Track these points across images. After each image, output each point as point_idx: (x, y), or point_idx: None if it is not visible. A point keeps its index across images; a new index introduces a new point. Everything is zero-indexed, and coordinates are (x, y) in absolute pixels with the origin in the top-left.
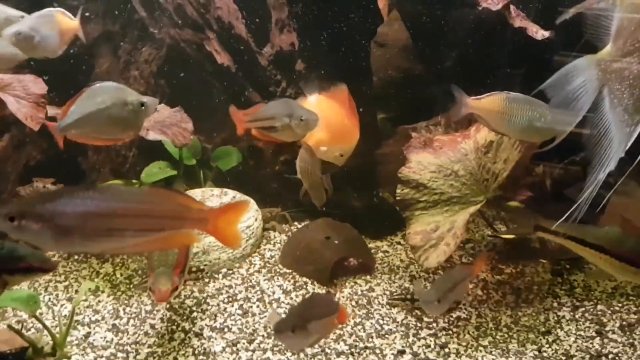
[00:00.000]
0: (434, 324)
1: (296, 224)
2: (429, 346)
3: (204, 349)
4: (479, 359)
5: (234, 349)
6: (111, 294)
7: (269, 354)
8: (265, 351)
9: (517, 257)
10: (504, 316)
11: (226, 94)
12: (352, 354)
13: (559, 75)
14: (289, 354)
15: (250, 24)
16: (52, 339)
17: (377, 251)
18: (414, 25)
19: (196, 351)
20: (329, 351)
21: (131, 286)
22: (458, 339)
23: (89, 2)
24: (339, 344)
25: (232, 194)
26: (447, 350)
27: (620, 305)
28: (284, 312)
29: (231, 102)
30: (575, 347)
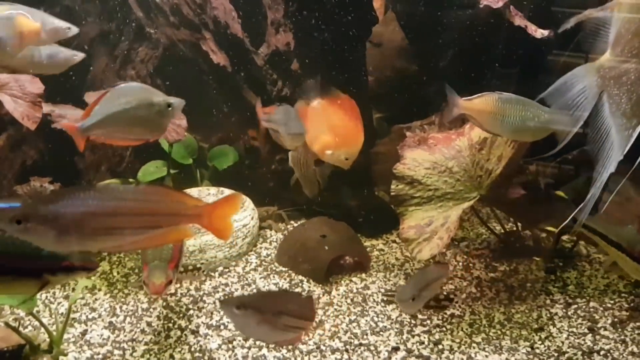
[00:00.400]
0: (428, 321)
1: (292, 222)
2: (422, 343)
3: (200, 346)
4: (472, 355)
5: (230, 346)
6: (108, 291)
7: (264, 351)
8: (260, 348)
9: (511, 254)
10: (497, 313)
11: (222, 93)
12: (347, 350)
13: (559, 83)
14: (284, 351)
15: (246, 23)
16: (49, 336)
17: (372, 249)
18: (409, 26)
19: (192, 348)
20: (324, 348)
21: (128, 284)
22: (452, 335)
23: (85, 2)
24: (334, 341)
25: (229, 193)
26: (440, 346)
27: (612, 302)
28: None
29: (227, 101)
30: (567, 344)
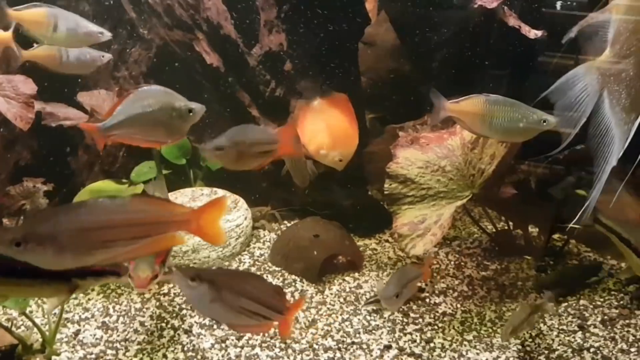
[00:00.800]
0: (420, 320)
1: (286, 222)
2: (414, 341)
3: (193, 345)
4: (464, 353)
5: (223, 345)
6: (101, 292)
7: (257, 349)
8: (253, 347)
9: (502, 253)
10: (488, 311)
11: (215, 94)
12: (339, 349)
13: (560, 82)
14: (277, 350)
15: (239, 24)
16: (42, 336)
17: (365, 249)
18: (401, 26)
19: (185, 348)
20: (316, 347)
21: (120, 284)
22: (443, 333)
23: (78, 3)
24: (326, 339)
25: (222, 193)
26: (432, 345)
27: (602, 300)
28: None
29: (220, 102)
30: (557, 341)
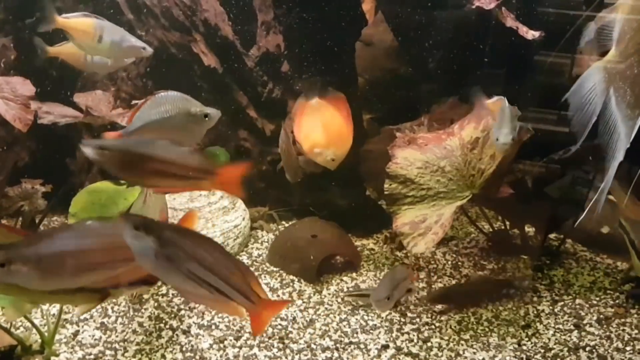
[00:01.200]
0: (417, 319)
1: (284, 223)
2: (412, 340)
3: (192, 345)
4: (461, 352)
5: (221, 345)
6: None
7: (255, 350)
8: (251, 347)
9: (499, 253)
10: (485, 311)
11: (213, 95)
12: (337, 349)
13: (576, 84)
14: (275, 350)
15: (236, 26)
16: (41, 337)
17: (363, 249)
18: (398, 27)
19: (184, 348)
20: (314, 347)
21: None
22: (440, 333)
23: (76, 4)
24: (324, 339)
25: (220, 193)
26: (429, 344)
27: (598, 299)
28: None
29: (218, 103)
30: (554, 340)
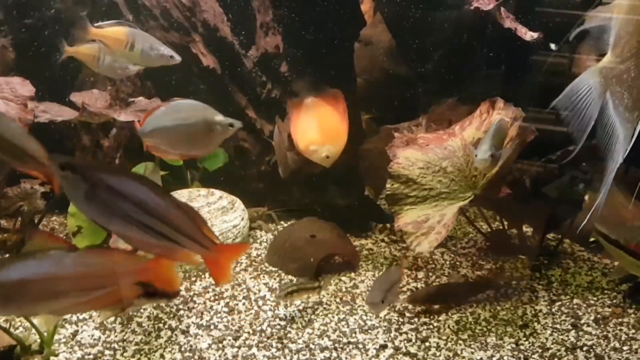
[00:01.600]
0: (416, 319)
1: (282, 223)
2: (410, 340)
3: (190, 346)
4: (459, 352)
5: (220, 345)
6: None
7: (254, 350)
8: (250, 347)
9: (497, 253)
10: (483, 310)
11: (212, 95)
12: (335, 349)
13: (568, 89)
14: (273, 350)
15: (235, 26)
16: (40, 337)
17: (361, 249)
18: (397, 28)
19: (182, 348)
20: (313, 347)
21: None
22: (438, 333)
23: (75, 5)
24: (322, 339)
25: (219, 194)
26: (427, 344)
27: (595, 299)
28: (269, 309)
29: (217, 104)
30: (551, 340)
